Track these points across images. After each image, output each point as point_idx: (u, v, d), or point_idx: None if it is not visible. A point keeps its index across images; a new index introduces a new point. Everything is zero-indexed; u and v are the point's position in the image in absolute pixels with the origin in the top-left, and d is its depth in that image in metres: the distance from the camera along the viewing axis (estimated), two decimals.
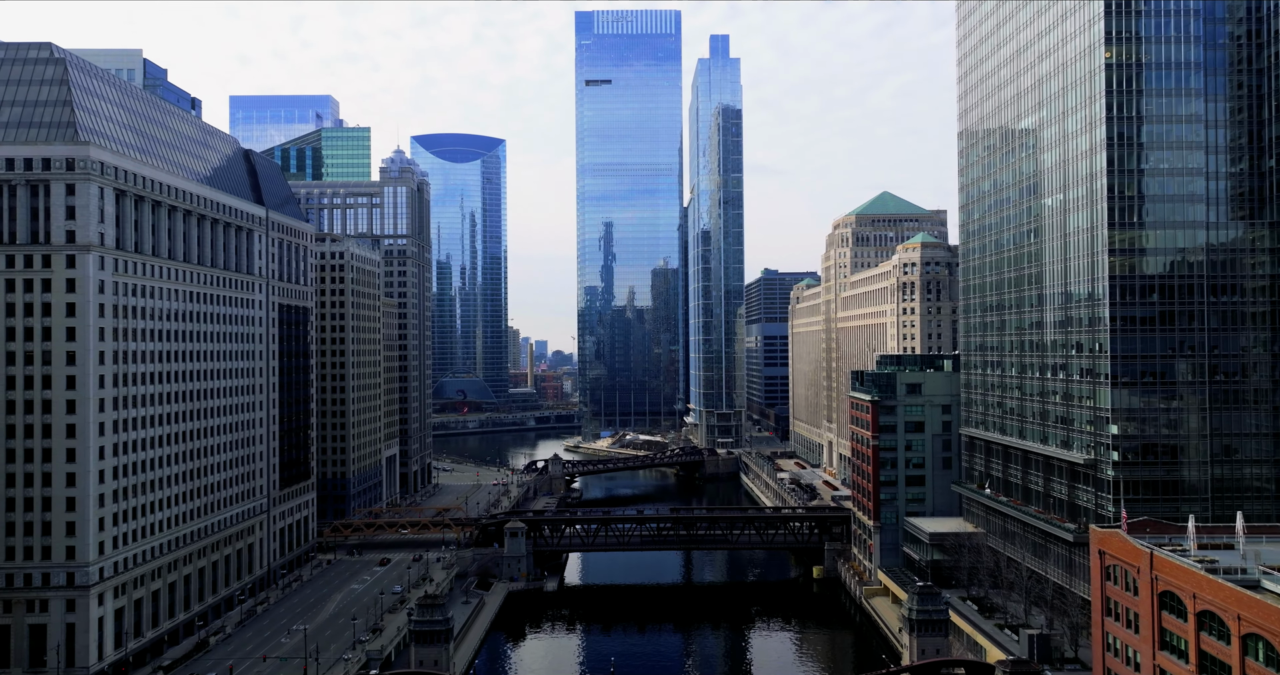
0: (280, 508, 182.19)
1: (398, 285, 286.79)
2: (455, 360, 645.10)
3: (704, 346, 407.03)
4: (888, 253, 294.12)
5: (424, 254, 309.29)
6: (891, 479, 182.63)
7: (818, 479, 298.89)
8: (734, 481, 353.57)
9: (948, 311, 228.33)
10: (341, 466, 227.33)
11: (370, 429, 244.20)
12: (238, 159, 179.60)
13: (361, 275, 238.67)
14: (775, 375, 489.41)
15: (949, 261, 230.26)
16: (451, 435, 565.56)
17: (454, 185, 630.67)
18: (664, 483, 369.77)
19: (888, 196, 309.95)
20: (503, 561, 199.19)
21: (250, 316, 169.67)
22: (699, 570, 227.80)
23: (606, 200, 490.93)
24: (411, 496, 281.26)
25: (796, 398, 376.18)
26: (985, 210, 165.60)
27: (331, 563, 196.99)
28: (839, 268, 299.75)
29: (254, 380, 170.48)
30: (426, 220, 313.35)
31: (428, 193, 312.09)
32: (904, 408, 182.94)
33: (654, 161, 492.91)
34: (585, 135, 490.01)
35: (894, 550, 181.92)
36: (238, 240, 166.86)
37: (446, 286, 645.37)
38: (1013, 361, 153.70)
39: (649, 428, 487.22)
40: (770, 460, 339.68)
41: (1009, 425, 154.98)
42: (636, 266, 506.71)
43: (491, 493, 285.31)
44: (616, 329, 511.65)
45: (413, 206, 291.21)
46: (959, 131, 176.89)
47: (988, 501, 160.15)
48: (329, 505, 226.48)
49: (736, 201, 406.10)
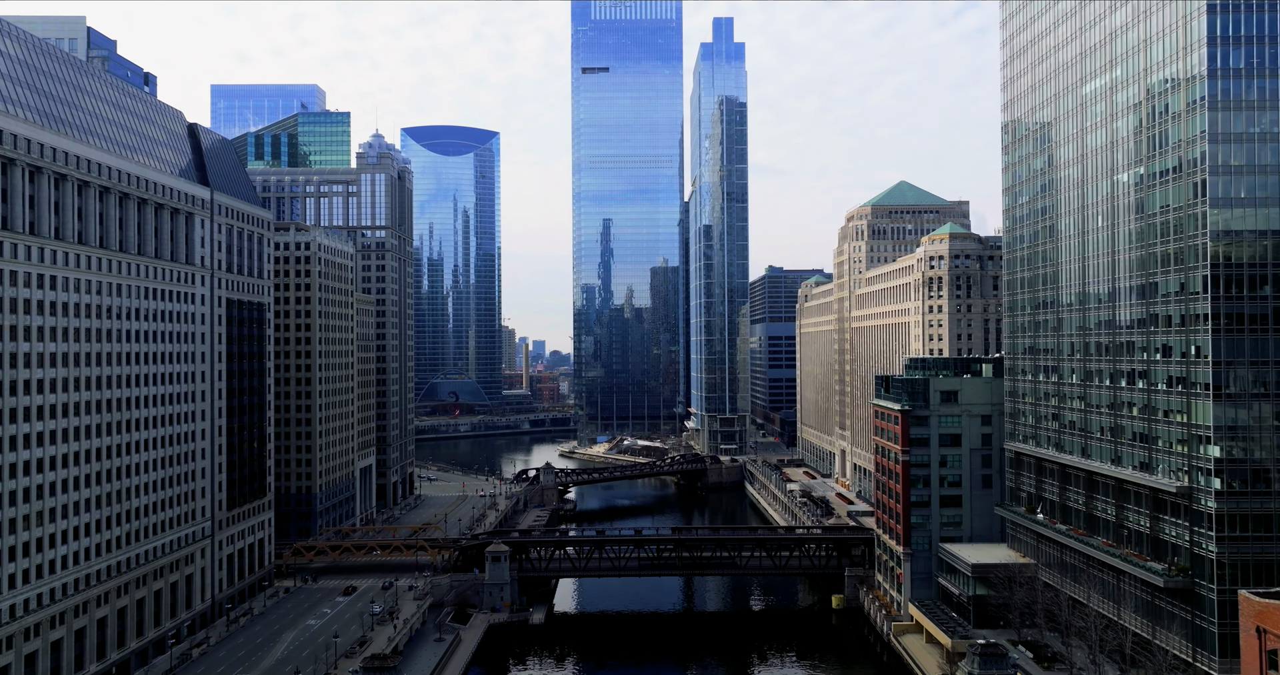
0: (228, 531, 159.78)
1: (376, 280, 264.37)
2: (447, 361, 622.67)
3: (706, 347, 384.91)
4: (907, 246, 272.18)
5: (406, 247, 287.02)
6: (924, 499, 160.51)
7: (830, 491, 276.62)
8: (738, 492, 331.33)
9: (979, 310, 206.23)
10: (307, 480, 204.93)
11: (341, 438, 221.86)
12: (179, 135, 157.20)
13: (331, 268, 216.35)
14: (780, 378, 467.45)
15: (980, 254, 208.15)
16: (442, 439, 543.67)
17: (446, 180, 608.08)
18: (664, 492, 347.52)
19: (905, 186, 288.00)
20: (484, 589, 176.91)
21: (188, 313, 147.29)
22: (702, 596, 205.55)
23: (604, 193, 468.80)
24: (390, 510, 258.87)
25: (804, 402, 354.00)
26: (1037, 191, 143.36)
27: (290, 591, 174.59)
28: (853, 263, 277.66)
29: (193, 387, 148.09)
30: (408, 211, 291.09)
31: (410, 182, 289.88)
32: (938, 418, 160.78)
33: (653, 153, 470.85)
34: (581, 126, 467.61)
35: (926, 580, 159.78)
36: (173, 225, 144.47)
37: (438, 285, 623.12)
38: (1073, 367, 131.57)
39: (648, 432, 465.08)
40: (777, 469, 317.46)
41: (1068, 441, 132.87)
42: (635, 263, 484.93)
43: (477, 506, 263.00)
44: (614, 329, 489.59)
45: (393, 196, 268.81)
46: (1005, 102, 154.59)
47: (1041, 529, 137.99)
48: (292, 523, 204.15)
49: (741, 194, 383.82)
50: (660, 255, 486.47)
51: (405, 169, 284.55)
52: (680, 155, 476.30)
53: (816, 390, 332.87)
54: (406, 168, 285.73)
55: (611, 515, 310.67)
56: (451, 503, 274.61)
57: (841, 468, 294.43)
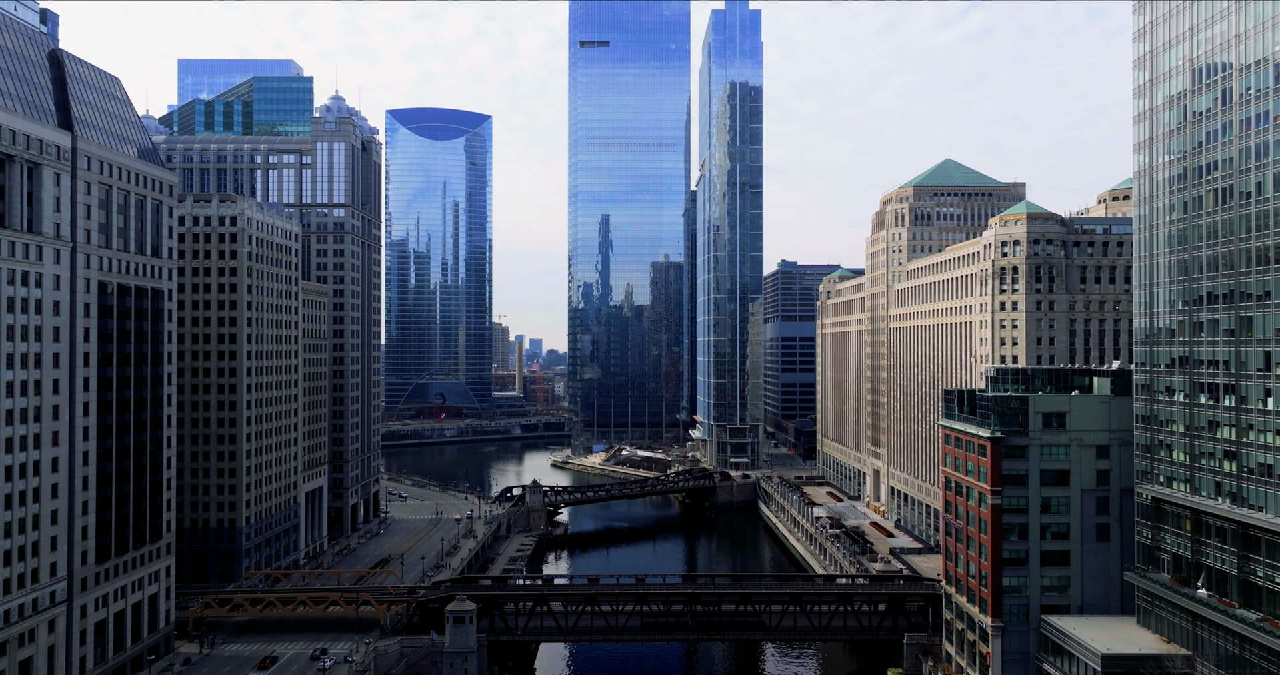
0: (97, 591, 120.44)
1: (334, 267, 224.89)
2: (434, 360, 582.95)
3: (714, 349, 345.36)
4: (955, 234, 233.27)
5: (372, 230, 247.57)
6: (1019, 555, 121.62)
7: (863, 519, 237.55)
8: (751, 513, 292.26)
9: (1064, 307, 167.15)
10: (230, 511, 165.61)
11: (279, 456, 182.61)
12: (35, 64, 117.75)
13: (268, 250, 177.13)
14: (793, 383, 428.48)
15: (1064, 239, 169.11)
16: (426, 445, 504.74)
17: (435, 168, 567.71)
18: (666, 512, 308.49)
19: (951, 165, 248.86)
20: (443, 659, 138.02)
21: (30, 300, 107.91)
22: (713, 662, 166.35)
23: (602, 180, 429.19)
24: (345, 540, 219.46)
25: (826, 412, 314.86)
26: (1200, 140, 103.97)
27: (191, 662, 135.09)
28: (892, 253, 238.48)
29: (37, 401, 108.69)
30: (376, 187, 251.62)
31: (378, 155, 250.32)
32: (1040, 449, 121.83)
33: (657, 136, 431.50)
34: (579, 106, 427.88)
35: (1022, 663, 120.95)
36: (5, 178, 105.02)
37: (425, 279, 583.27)
38: (1262, 387, 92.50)
39: (648, 441, 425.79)
40: (796, 488, 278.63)
41: (1250, 490, 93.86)
42: (635, 258, 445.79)
43: (449, 535, 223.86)
44: (613, 328, 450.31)
45: (355, 168, 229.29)
46: (1137, 27, 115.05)
47: (1206, 611, 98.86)
48: (212, 565, 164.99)
49: (755, 180, 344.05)
50: (664, 246, 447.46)
51: (372, 140, 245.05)
52: (686, 140, 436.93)
53: (841, 399, 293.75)
54: (373, 138, 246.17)
55: (608, 540, 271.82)
56: (421, 529, 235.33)
57: (874, 490, 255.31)
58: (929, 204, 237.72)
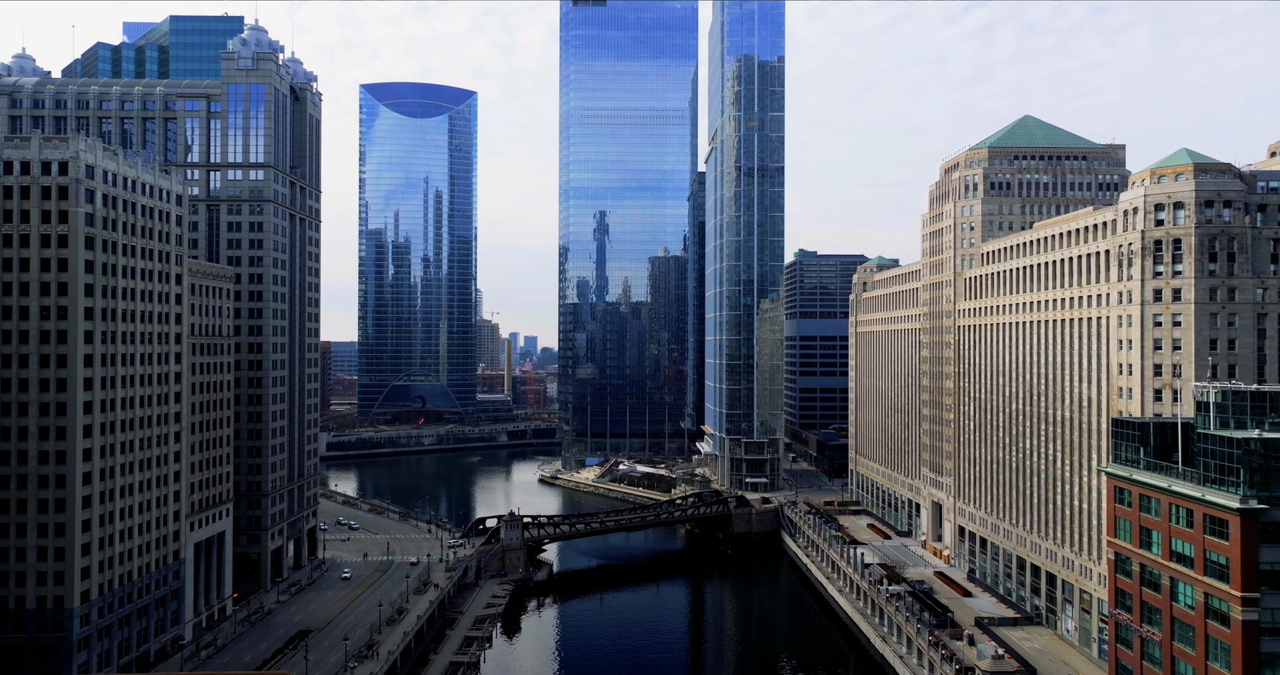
0: None
1: (249, 244, 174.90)
2: (413, 360, 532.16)
3: (726, 350, 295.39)
4: (1044, 208, 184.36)
5: (307, 200, 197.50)
6: None
7: (923, 566, 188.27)
8: (774, 548, 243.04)
9: (1248, 295, 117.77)
10: (55, 585, 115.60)
11: (144, 501, 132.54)
12: None
13: (124, 214, 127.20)
14: (812, 388, 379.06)
15: (1247, 201, 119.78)
16: (401, 454, 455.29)
17: (414, 151, 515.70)
18: (671, 545, 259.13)
19: (1033, 122, 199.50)
20: None
21: None
22: None
23: (597, 153, 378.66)
24: (261, 598, 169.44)
25: (862, 426, 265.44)
26: None
27: None
28: (961, 231, 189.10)
29: None
30: (314, 148, 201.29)
31: (315, 106, 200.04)
32: None
33: (660, 108, 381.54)
34: (571, 73, 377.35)
35: None
36: None
37: (405, 273, 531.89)
38: None
39: (648, 454, 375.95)
40: (829, 520, 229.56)
41: None
42: (634, 249, 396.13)
43: (400, 589, 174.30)
44: (609, 326, 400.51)
45: (278, 119, 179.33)
46: None
47: None
48: (28, 662, 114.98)
49: (776, 151, 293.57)
50: (665, 235, 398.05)
51: (308, 88, 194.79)
52: (693, 113, 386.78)
53: (882, 411, 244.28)
54: (310, 86, 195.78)
55: (601, 581, 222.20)
56: (365, 580, 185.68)
57: (931, 526, 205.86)
58: (1007, 169, 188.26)
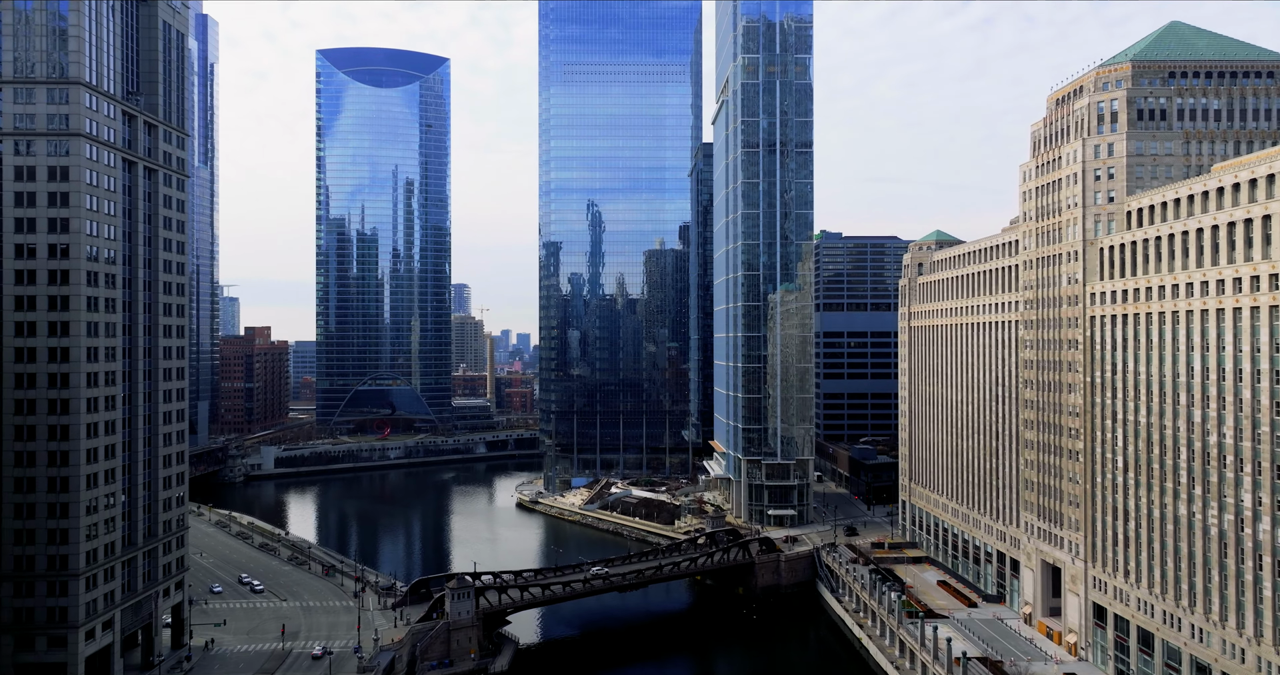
0: None
1: (47, 200, 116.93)
2: (381, 362, 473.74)
3: (741, 350, 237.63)
4: (1214, 143, 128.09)
5: (159, 142, 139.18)
6: None
7: (1040, 658, 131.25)
8: (810, 605, 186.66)
9: None
10: None
11: None
12: None
13: None
14: (839, 393, 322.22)
15: None
16: (363, 469, 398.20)
17: (380, 128, 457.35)
18: (676, 603, 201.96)
19: (1186, 29, 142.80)
20: None
21: None
22: None
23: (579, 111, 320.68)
24: None
25: (918, 445, 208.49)
26: None
27: None
28: (1092, 180, 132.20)
29: None
30: (178, 74, 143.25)
31: (184, 22, 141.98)
32: None
33: (659, 65, 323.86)
34: (551, 19, 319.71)
35: None
36: None
37: (371, 267, 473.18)
38: None
39: (646, 473, 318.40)
40: (885, 575, 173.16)
41: None
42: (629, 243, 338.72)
43: None
44: (604, 321, 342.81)
45: (103, 18, 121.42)
46: None
47: None
48: None
49: (803, 103, 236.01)
50: (659, 238, 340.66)
51: None
52: (696, 70, 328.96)
53: (952, 429, 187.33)
54: None
55: (586, 663, 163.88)
56: None
57: (1041, 594, 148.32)
58: (1161, 91, 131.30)
